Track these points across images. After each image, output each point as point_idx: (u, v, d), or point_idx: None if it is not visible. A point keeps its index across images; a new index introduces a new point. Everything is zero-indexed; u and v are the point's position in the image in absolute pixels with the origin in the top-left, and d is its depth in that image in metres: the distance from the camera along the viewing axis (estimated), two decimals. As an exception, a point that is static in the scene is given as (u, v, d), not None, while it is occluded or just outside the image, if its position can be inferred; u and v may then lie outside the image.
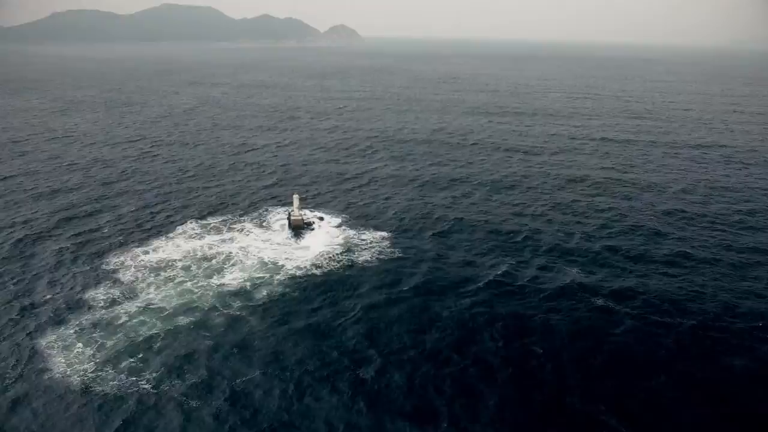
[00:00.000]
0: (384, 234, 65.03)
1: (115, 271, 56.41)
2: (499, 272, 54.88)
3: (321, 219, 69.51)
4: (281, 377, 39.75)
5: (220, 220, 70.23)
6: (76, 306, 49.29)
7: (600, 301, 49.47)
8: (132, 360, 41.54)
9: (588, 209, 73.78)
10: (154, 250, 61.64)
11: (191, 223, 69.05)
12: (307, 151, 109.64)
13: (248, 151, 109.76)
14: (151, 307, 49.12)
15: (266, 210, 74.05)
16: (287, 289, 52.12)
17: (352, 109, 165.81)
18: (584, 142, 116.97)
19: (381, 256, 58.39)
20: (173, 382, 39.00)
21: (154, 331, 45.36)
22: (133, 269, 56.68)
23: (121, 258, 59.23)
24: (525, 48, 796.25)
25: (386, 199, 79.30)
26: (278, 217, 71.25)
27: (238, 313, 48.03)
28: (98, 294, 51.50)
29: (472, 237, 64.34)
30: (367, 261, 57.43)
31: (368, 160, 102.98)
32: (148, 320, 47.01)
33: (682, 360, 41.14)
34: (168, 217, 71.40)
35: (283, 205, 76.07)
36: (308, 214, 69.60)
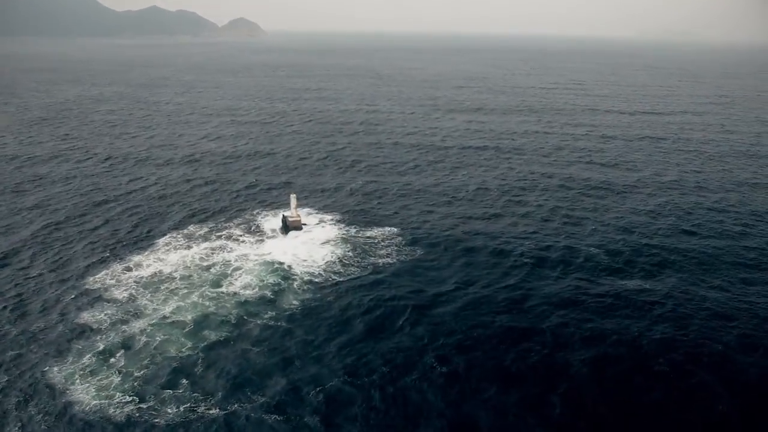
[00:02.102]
0: (392, 230, 66.17)
1: (103, 290, 52.62)
2: (536, 269, 56.79)
3: (317, 219, 69.25)
4: (364, 383, 39.73)
5: (203, 228, 67.46)
6: (80, 332, 45.58)
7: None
8: (175, 384, 39.38)
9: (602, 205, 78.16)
10: (138, 265, 58.13)
11: (172, 234, 65.72)
12: (276, 151, 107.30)
13: (205, 153, 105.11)
14: (167, 323, 46.66)
15: (252, 214, 72.23)
16: (315, 295, 51.65)
17: (285, 107, 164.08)
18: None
19: (402, 256, 59.46)
20: (241, 405, 37.48)
21: (185, 350, 43.19)
22: (124, 286, 53.26)
23: (103, 277, 55.29)
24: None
25: (377, 195, 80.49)
26: (267, 220, 69.90)
27: (274, 323, 46.98)
28: (97, 315, 47.92)
29: (485, 231, 67.30)
30: (388, 262, 58.16)
31: (343, 157, 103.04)
32: (172, 338, 44.65)
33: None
34: (141, 229, 67.34)
35: (268, 207, 74.71)
36: (301, 214, 68.96)
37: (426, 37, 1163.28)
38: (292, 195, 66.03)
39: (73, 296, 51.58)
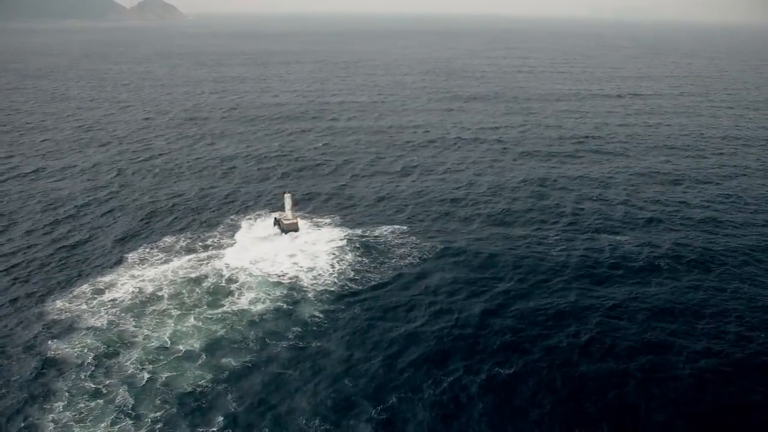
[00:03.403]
0: (401, 228, 63.41)
1: (75, 317, 46.86)
2: (577, 269, 55.81)
3: (310, 221, 65.53)
4: (427, 395, 37.58)
5: (181, 238, 61.93)
6: (59, 369, 40.03)
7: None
8: (209, 424, 34.95)
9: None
10: (110, 286, 52.38)
11: (144, 247, 59.80)
12: (248, 151, 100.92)
13: (165, 155, 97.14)
14: (169, 352, 41.81)
15: (234, 219, 67.21)
16: (336, 306, 48.12)
17: (238, 100, 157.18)
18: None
19: (425, 255, 56.78)
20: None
21: (204, 383, 38.57)
22: (99, 311, 47.59)
23: (71, 302, 49.38)
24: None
25: (372, 190, 77.77)
26: (256, 225, 65.35)
27: (302, 342, 43.09)
28: (76, 348, 42.68)
29: (503, 227, 65.62)
30: (411, 263, 55.34)
31: (325, 154, 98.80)
32: (182, 370, 39.93)
33: None
34: (105, 244, 61.11)
35: (253, 211, 70.00)
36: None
37: (362, 17, 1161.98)
38: (286, 194, 61.84)
39: (40, 327, 45.48)
